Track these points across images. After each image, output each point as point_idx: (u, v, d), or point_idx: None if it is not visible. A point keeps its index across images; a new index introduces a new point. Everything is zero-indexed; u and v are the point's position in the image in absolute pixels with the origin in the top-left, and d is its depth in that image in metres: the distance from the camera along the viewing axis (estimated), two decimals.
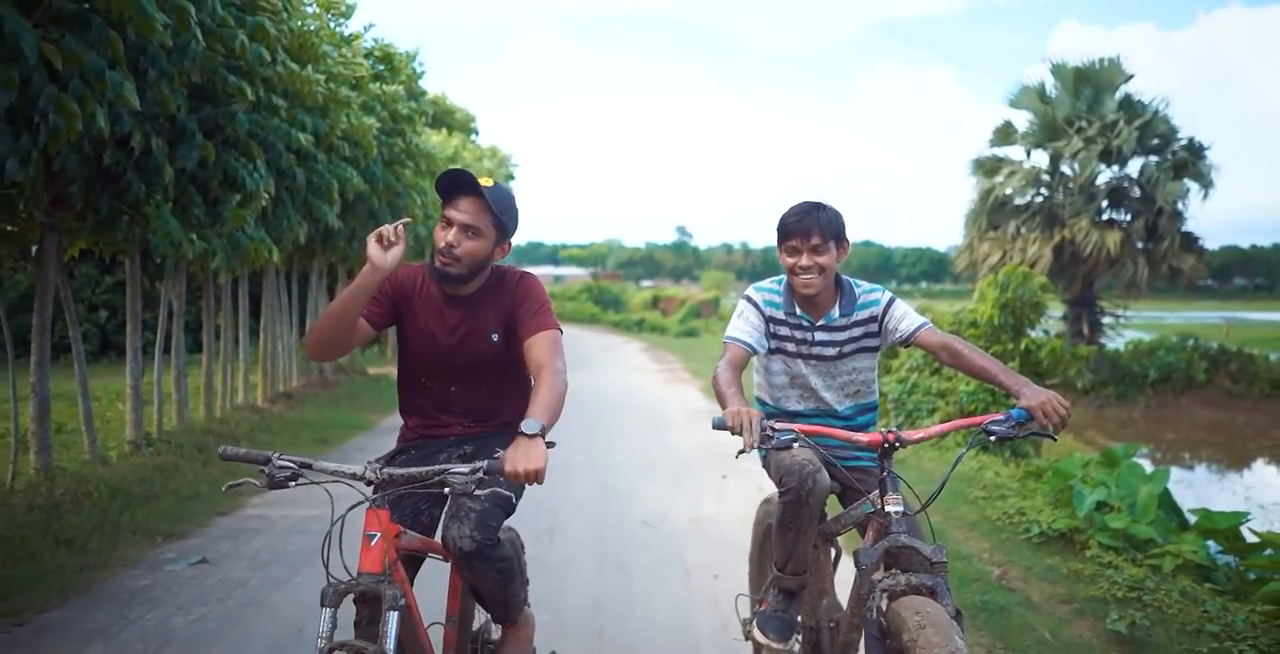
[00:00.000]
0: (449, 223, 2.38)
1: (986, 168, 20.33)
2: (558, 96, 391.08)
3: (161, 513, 5.53)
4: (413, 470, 2.03)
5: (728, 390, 2.49)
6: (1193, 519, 5.39)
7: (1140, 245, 18.90)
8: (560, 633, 3.79)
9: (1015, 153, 20.37)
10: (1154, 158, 19.41)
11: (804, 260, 2.62)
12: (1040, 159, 19.97)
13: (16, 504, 5.15)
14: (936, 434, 2.40)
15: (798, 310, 2.74)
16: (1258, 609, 3.87)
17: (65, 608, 4.01)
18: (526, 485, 2.12)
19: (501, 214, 2.39)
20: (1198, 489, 11.39)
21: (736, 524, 5.61)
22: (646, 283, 73.94)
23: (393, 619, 1.97)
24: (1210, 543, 5.08)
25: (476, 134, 24.70)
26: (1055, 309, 20.87)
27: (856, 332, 2.75)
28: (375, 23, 33.19)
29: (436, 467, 2.03)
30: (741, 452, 2.26)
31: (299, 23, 6.57)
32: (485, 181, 2.39)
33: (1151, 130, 18.96)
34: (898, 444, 2.31)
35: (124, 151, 5.10)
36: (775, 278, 2.84)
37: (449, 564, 2.46)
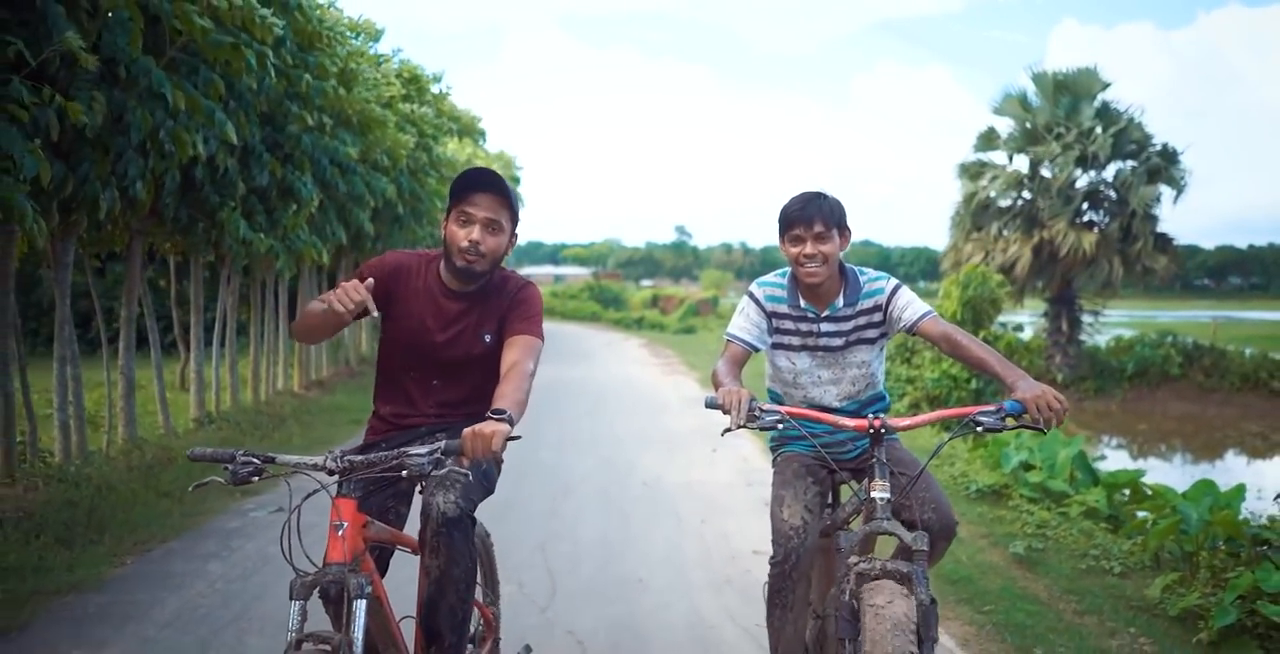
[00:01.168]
0: (469, 219, 2.36)
1: (971, 172, 21.28)
2: (557, 96, 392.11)
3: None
4: (371, 456, 2.02)
5: (723, 379, 2.53)
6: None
7: (1116, 246, 19.84)
8: (576, 560, 4.77)
9: (999, 157, 21.32)
10: (1130, 162, 20.37)
11: (808, 249, 2.61)
12: (1022, 164, 20.94)
13: (118, 465, 6.15)
14: (924, 422, 2.43)
15: (802, 302, 2.72)
16: (1130, 538, 4.87)
17: (180, 541, 5.00)
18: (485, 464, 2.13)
19: (516, 208, 2.44)
20: (1163, 474, 12.32)
21: (722, 486, 6.63)
22: (646, 282, 74.78)
23: (360, 608, 1.95)
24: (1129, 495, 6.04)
25: (485, 138, 25.64)
26: (1037, 307, 21.87)
27: (861, 321, 2.73)
28: (403, 47, 34.13)
29: (394, 450, 2.02)
30: (728, 429, 2.32)
31: (344, 51, 7.54)
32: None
33: (1126, 136, 19.91)
34: (884, 430, 2.34)
35: (209, 170, 6.10)
36: (779, 271, 2.83)
37: (419, 558, 2.44)
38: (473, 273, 2.39)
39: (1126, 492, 5.78)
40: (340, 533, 1.99)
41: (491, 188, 2.37)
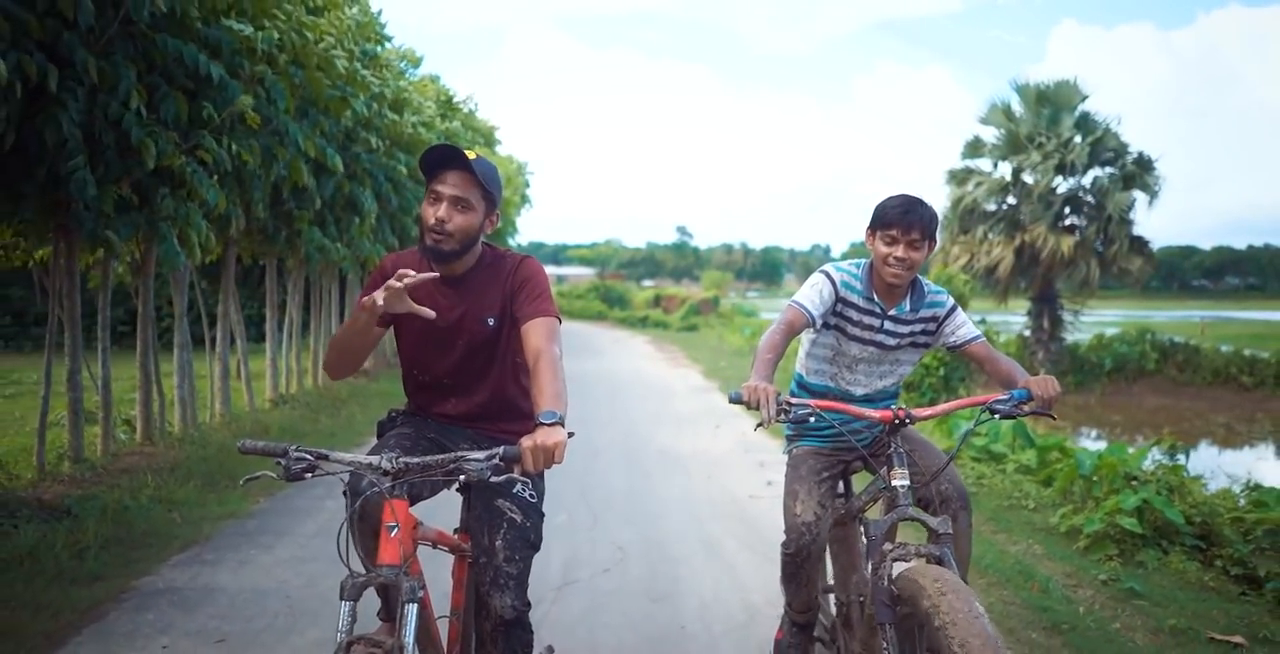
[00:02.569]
0: (437, 198, 2.31)
1: (959, 178, 22.57)
2: (558, 96, 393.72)
3: (318, 442, 7.81)
4: (428, 459, 2.01)
5: (763, 357, 2.52)
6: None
7: (1093, 248, 21.11)
8: (610, 501, 6.05)
9: (985, 165, 22.61)
10: (1108, 169, 21.66)
11: (899, 252, 2.64)
12: (1006, 171, 22.22)
13: (224, 433, 7.44)
14: (944, 412, 2.53)
15: (875, 297, 2.77)
16: (1047, 485, 6.17)
17: (287, 493, 6.27)
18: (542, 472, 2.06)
19: (488, 185, 2.34)
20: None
21: (724, 453, 7.92)
22: (648, 282, 75.90)
23: (412, 612, 1.97)
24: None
25: (499, 143, 26.91)
26: (1020, 306, 23.14)
27: (917, 327, 2.81)
28: (440, 73, 35.38)
29: (452, 454, 2.01)
30: (760, 425, 2.35)
31: (399, 82, 8.84)
32: (469, 154, 2.32)
33: (1103, 145, 21.19)
34: (907, 420, 2.42)
35: (293, 187, 7.39)
36: (854, 261, 2.85)
37: (452, 556, 2.53)
38: (440, 252, 2.32)
39: (1056, 454, 7.06)
40: (393, 534, 1.99)
41: (456, 164, 2.31)
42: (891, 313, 2.77)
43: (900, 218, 2.64)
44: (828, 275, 2.79)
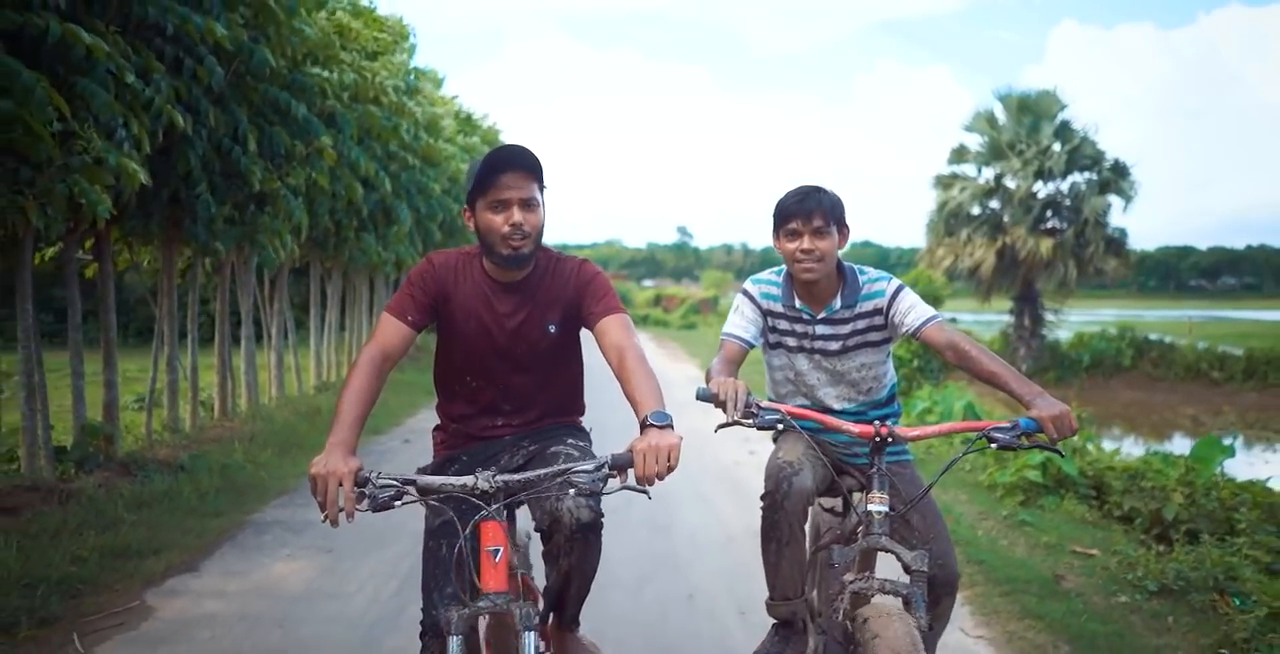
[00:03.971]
0: (504, 204, 2.20)
1: (944, 183, 23.75)
2: (558, 96, 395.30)
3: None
4: (530, 475, 1.93)
5: (717, 370, 2.47)
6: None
7: (1071, 250, 22.29)
8: None
9: (969, 170, 23.81)
10: (1086, 174, 22.85)
11: (805, 244, 2.49)
12: (989, 176, 23.41)
13: (285, 411, 8.62)
14: (935, 434, 2.29)
15: (797, 303, 2.60)
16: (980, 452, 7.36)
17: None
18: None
19: (543, 178, 2.27)
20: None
21: (712, 435, 9.10)
22: (648, 282, 76.94)
23: (529, 641, 1.86)
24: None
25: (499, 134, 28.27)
26: (1003, 306, 24.30)
27: (860, 324, 2.59)
28: (459, 94, 36.60)
29: (556, 467, 1.93)
30: (723, 425, 2.20)
31: (432, 108, 10.05)
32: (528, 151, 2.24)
33: (1080, 152, 22.37)
34: (890, 439, 2.20)
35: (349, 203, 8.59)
36: (774, 269, 2.70)
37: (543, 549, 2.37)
38: (522, 257, 2.24)
39: None
40: (497, 559, 1.90)
41: (514, 164, 2.21)
42: (821, 316, 2.59)
43: (797, 207, 2.50)
44: (744, 293, 2.67)
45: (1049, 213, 22.86)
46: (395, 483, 1.87)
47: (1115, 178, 22.40)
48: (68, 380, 5.95)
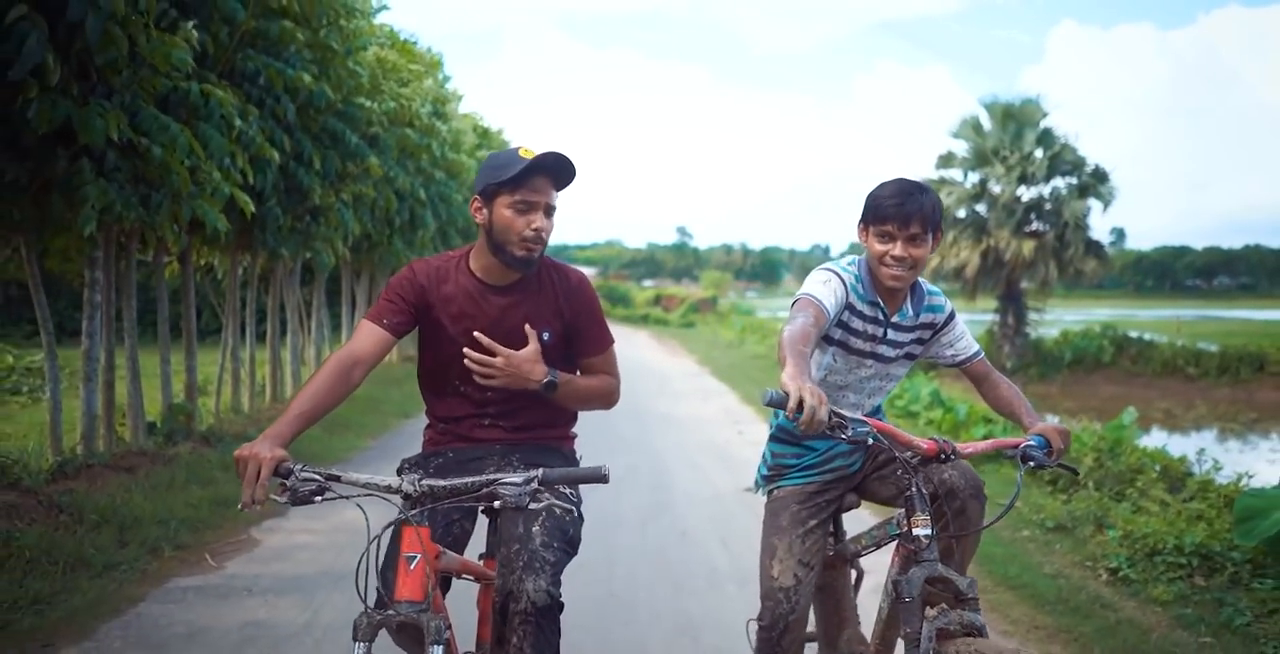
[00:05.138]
0: (531, 206, 2.17)
1: (932, 187, 24.78)
2: (557, 96, 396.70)
3: (394, 409, 10.08)
4: (456, 482, 1.86)
5: (797, 348, 2.02)
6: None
7: (1051, 252, 23.35)
8: (623, 442, 8.30)
9: (956, 175, 24.89)
10: (1067, 179, 23.92)
11: (897, 250, 2.30)
12: (974, 180, 24.48)
13: None
14: (982, 450, 2.26)
15: (879, 300, 2.41)
16: (936, 428, 8.44)
17: (390, 433, 8.52)
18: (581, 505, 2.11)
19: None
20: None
21: (710, 417, 10.20)
22: (648, 282, 77.80)
23: None
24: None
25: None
26: (988, 305, 25.37)
27: (913, 336, 2.49)
28: (479, 112, 37.62)
29: (484, 477, 1.86)
30: (803, 435, 2.10)
31: (455, 123, 11.13)
32: (526, 154, 2.17)
33: (1061, 159, 23.45)
34: (952, 455, 2.14)
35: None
36: (849, 259, 2.49)
37: (478, 585, 2.35)
38: (532, 261, 2.23)
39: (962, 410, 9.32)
40: (412, 567, 1.83)
41: (557, 171, 2.22)
42: (894, 319, 2.44)
43: (897, 211, 2.29)
44: (837, 274, 2.39)
45: (1031, 216, 23.90)
46: (318, 477, 1.81)
47: (1095, 182, 23.46)
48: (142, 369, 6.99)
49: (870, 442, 2.01)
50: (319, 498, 1.80)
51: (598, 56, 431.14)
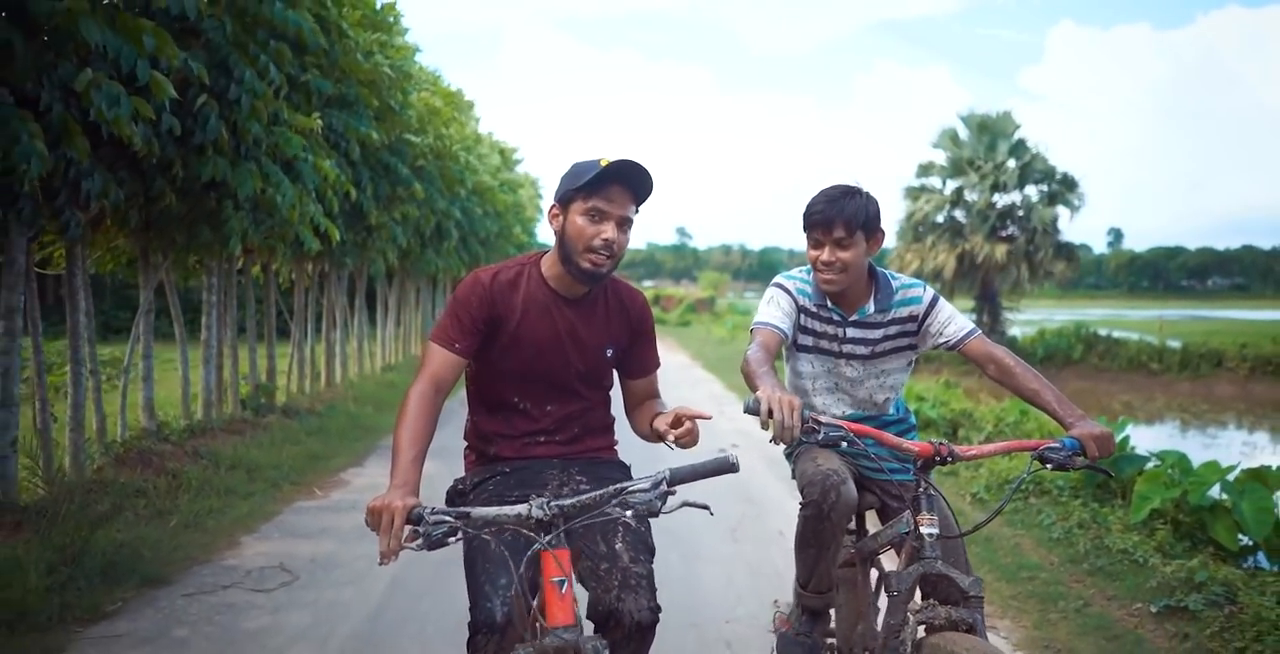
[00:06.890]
0: (603, 216, 2.10)
1: (913, 194, 26.49)
2: (557, 96, 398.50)
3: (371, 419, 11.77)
4: (584, 498, 1.84)
5: (759, 370, 2.20)
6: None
7: (1023, 255, 25.00)
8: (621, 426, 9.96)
9: (935, 183, 26.56)
10: (1039, 187, 25.59)
11: (825, 255, 2.38)
12: (952, 188, 26.16)
13: (370, 383, 11.35)
14: (990, 453, 2.22)
15: (829, 303, 2.50)
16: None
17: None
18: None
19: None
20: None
21: (695, 403, 11.84)
22: (648, 283, 79.01)
23: None
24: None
25: (519, 162, 30.79)
26: (964, 305, 27.00)
27: (892, 330, 2.51)
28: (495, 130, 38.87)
29: (610, 488, 1.84)
30: (778, 442, 2.02)
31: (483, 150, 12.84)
32: (605, 162, 2.10)
33: (1032, 168, 25.12)
34: (949, 458, 2.13)
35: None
36: (804, 267, 2.57)
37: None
38: (599, 275, 2.14)
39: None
40: (563, 591, 1.80)
41: (635, 182, 2.12)
42: (853, 318, 2.50)
43: (820, 217, 2.38)
44: (780, 286, 2.54)
45: (1005, 222, 25.61)
46: (449, 518, 1.78)
47: (1064, 190, 25.16)
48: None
49: (844, 444, 2.08)
50: (452, 539, 1.78)
51: (598, 57, 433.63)
